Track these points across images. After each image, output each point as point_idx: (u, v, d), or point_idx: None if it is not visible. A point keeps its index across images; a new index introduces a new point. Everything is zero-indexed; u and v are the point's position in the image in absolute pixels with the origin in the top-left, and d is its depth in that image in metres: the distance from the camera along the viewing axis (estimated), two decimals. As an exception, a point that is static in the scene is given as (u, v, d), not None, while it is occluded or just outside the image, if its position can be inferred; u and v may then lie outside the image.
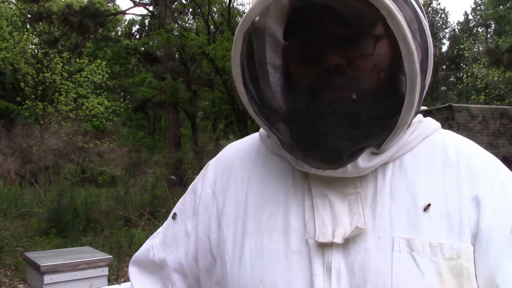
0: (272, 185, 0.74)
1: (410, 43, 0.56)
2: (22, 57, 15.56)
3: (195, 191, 0.85)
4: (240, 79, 0.69)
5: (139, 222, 8.15)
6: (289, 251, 0.68)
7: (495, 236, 0.64)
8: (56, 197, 7.65)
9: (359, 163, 0.65)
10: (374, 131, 0.64)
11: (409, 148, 0.71)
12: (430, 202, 0.66)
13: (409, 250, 0.63)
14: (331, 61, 0.63)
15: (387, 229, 0.65)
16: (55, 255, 3.66)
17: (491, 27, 29.05)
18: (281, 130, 0.69)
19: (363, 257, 0.64)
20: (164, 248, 0.87)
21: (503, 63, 11.08)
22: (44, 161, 10.82)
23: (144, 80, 16.99)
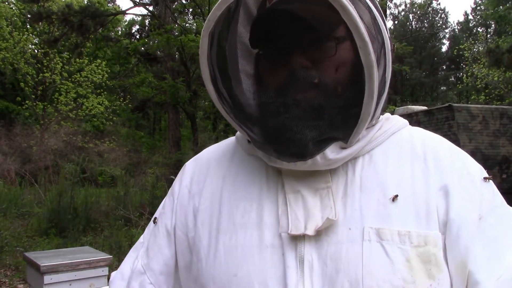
0: (246, 183, 0.77)
1: (363, 34, 0.58)
2: (22, 57, 15.55)
3: (173, 192, 0.88)
4: (209, 78, 0.72)
5: (139, 222, 8.15)
6: (263, 246, 0.70)
7: (465, 223, 0.66)
8: (56, 197, 7.65)
9: (328, 154, 0.68)
10: (338, 122, 0.67)
11: (378, 143, 0.74)
12: (398, 193, 0.68)
13: (379, 239, 0.65)
14: (296, 63, 0.67)
15: (357, 220, 0.67)
16: (55, 255, 3.66)
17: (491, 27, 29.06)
18: (251, 127, 0.72)
19: (334, 248, 0.66)
20: (147, 253, 0.85)
21: (503, 63, 11.08)
22: (44, 161, 10.83)
23: (144, 80, 16.98)
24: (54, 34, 15.37)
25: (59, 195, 7.60)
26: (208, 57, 0.70)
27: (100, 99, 17.15)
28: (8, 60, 15.41)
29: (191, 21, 21.67)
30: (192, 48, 13.49)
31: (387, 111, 0.86)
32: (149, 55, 18.90)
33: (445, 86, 35.70)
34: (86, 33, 14.58)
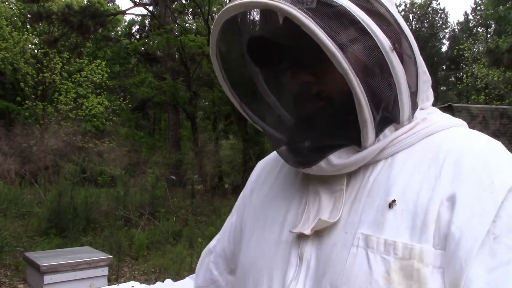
0: (286, 184, 0.82)
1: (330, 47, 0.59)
2: (22, 57, 15.55)
3: (245, 187, 0.97)
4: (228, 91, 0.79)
5: (139, 222, 8.15)
6: (279, 241, 0.74)
7: (465, 239, 0.58)
8: (56, 197, 7.65)
9: (333, 160, 0.68)
10: (335, 131, 0.69)
11: (404, 146, 0.70)
12: (399, 199, 0.64)
13: (365, 246, 0.64)
14: (299, 80, 0.70)
15: (354, 225, 0.66)
16: (55, 255, 3.66)
17: (491, 27, 29.06)
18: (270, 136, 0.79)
19: (329, 251, 0.67)
20: (217, 237, 1.01)
21: (503, 63, 11.07)
22: (44, 161, 10.83)
23: (144, 80, 16.99)
24: (54, 34, 15.37)
25: (59, 195, 7.60)
26: (222, 75, 0.77)
27: (100, 99, 17.15)
28: (8, 60, 15.41)
29: (191, 21, 21.67)
30: (192, 48, 13.49)
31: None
32: (149, 55, 18.90)
33: (445, 86, 35.70)
34: (86, 33, 14.58)
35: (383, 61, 0.65)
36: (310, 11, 0.61)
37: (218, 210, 9.77)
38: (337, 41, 0.61)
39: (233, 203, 3.80)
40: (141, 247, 6.72)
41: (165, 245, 7.08)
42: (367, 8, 0.67)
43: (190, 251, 6.63)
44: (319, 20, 0.60)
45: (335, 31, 0.62)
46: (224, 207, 9.89)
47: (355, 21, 0.64)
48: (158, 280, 5.60)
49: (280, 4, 0.61)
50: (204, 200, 11.03)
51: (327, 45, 0.60)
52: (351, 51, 0.63)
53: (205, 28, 15.82)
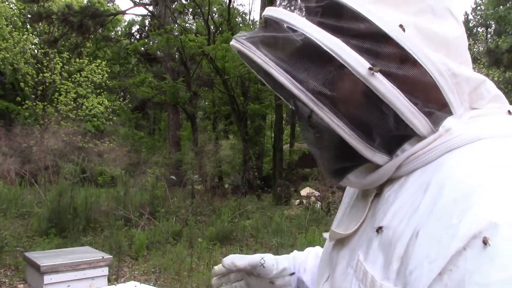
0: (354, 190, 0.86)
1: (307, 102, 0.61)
2: (22, 57, 15.56)
3: None
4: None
5: (139, 222, 8.16)
6: (329, 245, 0.80)
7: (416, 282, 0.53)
8: (56, 197, 7.65)
9: (351, 179, 0.70)
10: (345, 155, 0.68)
11: (421, 163, 0.63)
12: (386, 226, 0.61)
13: (355, 267, 0.65)
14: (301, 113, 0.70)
15: (358, 242, 0.68)
16: (55, 255, 3.66)
17: (491, 27, 29.07)
18: None
19: (339, 262, 0.71)
20: None
21: (503, 63, 11.08)
22: (44, 161, 10.83)
23: (144, 80, 16.99)
24: (54, 34, 15.37)
25: (59, 195, 7.60)
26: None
27: (100, 99, 17.16)
28: (8, 60, 15.42)
29: (191, 21, 21.68)
30: (192, 48, 13.49)
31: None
32: (149, 55, 18.91)
33: (445, 86, 35.67)
34: (86, 33, 14.59)
35: (365, 87, 0.60)
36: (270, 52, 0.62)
37: (218, 210, 9.77)
38: (301, 81, 0.61)
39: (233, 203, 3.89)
40: (141, 247, 6.72)
41: (165, 245, 7.08)
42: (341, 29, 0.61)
43: (190, 251, 6.63)
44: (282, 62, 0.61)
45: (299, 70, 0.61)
46: (224, 207, 9.89)
47: (323, 52, 0.60)
48: (158, 280, 5.61)
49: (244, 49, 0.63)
50: (204, 200, 11.03)
51: (291, 90, 0.61)
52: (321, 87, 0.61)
53: (205, 28, 15.83)
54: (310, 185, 12.62)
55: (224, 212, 9.11)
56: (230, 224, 8.37)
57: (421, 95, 0.62)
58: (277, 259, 1.03)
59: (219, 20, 17.24)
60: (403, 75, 0.61)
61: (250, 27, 18.24)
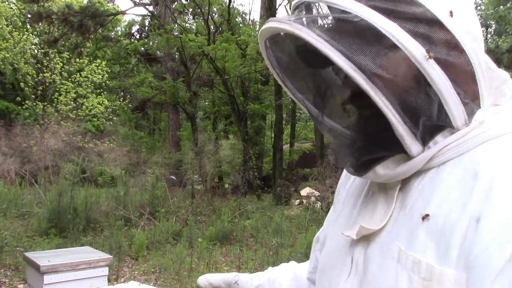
0: (360, 186, 0.83)
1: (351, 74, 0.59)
2: (22, 57, 15.56)
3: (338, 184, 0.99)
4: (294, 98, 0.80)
5: (139, 222, 8.15)
6: (342, 243, 0.76)
7: (485, 265, 0.55)
8: (56, 197, 7.65)
9: (379, 171, 0.68)
10: (378, 146, 0.68)
11: (455, 154, 0.64)
12: (432, 214, 0.61)
13: (398, 259, 0.63)
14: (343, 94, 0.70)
15: (394, 235, 0.66)
16: (55, 255, 3.66)
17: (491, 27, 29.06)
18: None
19: (372, 257, 0.68)
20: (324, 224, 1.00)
21: (503, 63, 11.08)
22: (44, 161, 10.83)
23: (144, 80, 17.00)
24: (54, 34, 15.38)
25: (59, 195, 7.60)
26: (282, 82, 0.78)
27: (100, 99, 17.16)
28: (8, 60, 15.42)
29: (191, 21, 21.67)
30: (192, 48, 13.49)
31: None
32: (149, 55, 18.91)
33: (445, 86, 35.70)
34: (86, 33, 14.59)
35: (417, 72, 0.61)
36: (326, 33, 0.60)
37: (218, 210, 9.76)
38: (357, 63, 0.59)
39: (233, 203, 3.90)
40: (141, 247, 6.72)
41: (165, 245, 7.08)
42: (395, 12, 0.61)
43: (190, 251, 6.63)
44: (336, 42, 0.60)
45: (355, 52, 0.60)
46: (224, 207, 9.89)
47: (379, 35, 0.60)
48: (158, 280, 5.61)
49: (296, 30, 0.62)
50: (204, 200, 11.02)
51: (346, 70, 0.59)
52: (377, 69, 0.60)
53: (205, 28, 15.83)
54: (310, 185, 12.61)
55: (224, 212, 9.11)
56: (230, 224, 8.37)
57: (462, 86, 0.63)
58: (251, 276, 1.03)
59: (219, 20, 17.24)
60: (451, 63, 0.62)
61: (250, 27, 18.24)
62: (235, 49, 13.84)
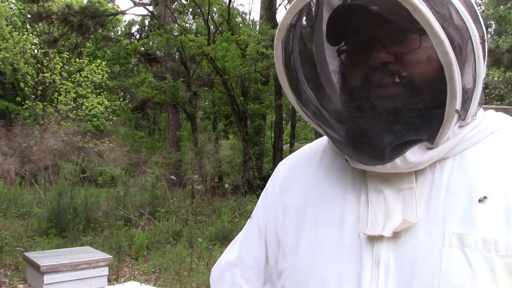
0: (333, 182, 0.77)
1: (438, 32, 0.56)
2: (22, 57, 15.55)
3: (267, 190, 0.90)
4: (287, 84, 0.74)
5: (139, 222, 8.16)
6: (342, 245, 0.70)
7: None
8: (56, 197, 7.65)
9: (409, 157, 0.64)
10: (419, 125, 0.64)
11: (472, 143, 0.68)
12: (487, 194, 0.62)
13: (461, 246, 0.60)
14: (376, 59, 0.65)
15: (439, 224, 0.63)
16: (55, 255, 3.66)
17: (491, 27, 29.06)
18: (332, 129, 0.72)
19: (412, 252, 0.63)
20: (240, 247, 0.90)
21: (503, 63, 11.07)
22: (44, 161, 10.83)
23: (144, 80, 16.99)
24: (54, 34, 15.37)
25: (59, 195, 7.60)
26: (283, 64, 0.72)
27: (100, 99, 17.15)
28: (8, 60, 15.41)
29: (191, 21, 21.67)
30: (192, 48, 13.48)
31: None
32: (149, 55, 18.91)
33: (445, 86, 35.72)
34: (86, 33, 14.58)
35: (472, 52, 0.63)
36: None
37: (218, 210, 9.76)
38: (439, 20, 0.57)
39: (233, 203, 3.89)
40: (141, 247, 6.71)
41: (165, 245, 7.08)
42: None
43: (190, 251, 6.63)
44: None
45: (443, 15, 0.59)
46: (224, 207, 9.88)
47: (454, 7, 0.61)
48: (158, 280, 5.61)
49: None
50: (204, 200, 11.02)
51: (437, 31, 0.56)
52: (449, 34, 0.59)
53: (205, 28, 15.82)
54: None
55: (224, 212, 9.11)
56: (230, 224, 8.37)
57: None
58: None
59: (219, 20, 17.24)
60: (483, 52, 0.66)
61: (250, 27, 18.24)
62: (235, 49, 13.83)
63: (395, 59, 0.64)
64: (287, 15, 0.67)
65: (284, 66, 0.73)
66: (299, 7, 0.65)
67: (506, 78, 15.87)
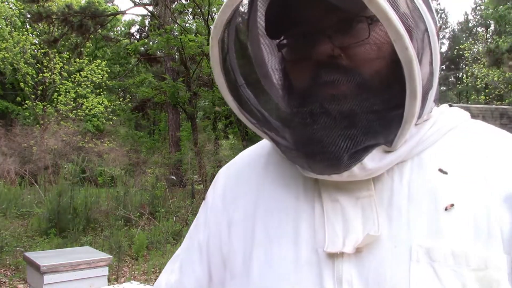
0: (282, 192, 0.69)
1: (397, 26, 0.49)
2: (22, 57, 15.56)
3: (207, 203, 0.81)
4: (225, 88, 0.65)
5: (139, 222, 8.15)
6: (298, 262, 0.62)
7: None
8: (56, 197, 7.65)
9: (367, 164, 0.58)
10: (377, 127, 0.57)
11: (430, 143, 0.63)
12: (453, 202, 0.57)
13: (429, 260, 0.56)
14: (322, 52, 0.57)
15: (404, 236, 0.58)
16: (55, 255, 3.66)
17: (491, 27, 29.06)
18: (279, 136, 0.64)
19: (377, 268, 0.57)
20: (181, 269, 0.79)
21: (503, 63, 11.07)
22: (44, 161, 10.83)
23: (144, 80, 16.99)
24: (54, 34, 15.37)
25: (59, 195, 7.60)
26: (221, 66, 0.64)
27: (99, 99, 17.16)
28: (8, 60, 15.41)
29: (191, 21, 21.67)
30: (192, 48, 13.49)
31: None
32: (149, 55, 18.90)
33: (445, 86, 35.70)
34: (86, 33, 14.58)
35: (428, 45, 0.57)
36: None
37: (218, 210, 9.76)
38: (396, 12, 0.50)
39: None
40: (141, 247, 6.71)
41: (165, 245, 7.08)
42: None
43: (190, 251, 6.63)
44: None
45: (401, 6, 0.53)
46: (224, 207, 9.88)
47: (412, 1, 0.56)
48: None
49: None
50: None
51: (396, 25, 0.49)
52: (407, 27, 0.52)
53: (205, 28, 15.81)
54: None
55: (224, 212, 9.10)
56: (230, 224, 8.37)
57: None
58: None
59: (219, 20, 17.21)
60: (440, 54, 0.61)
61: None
62: (235, 49, 13.81)
63: (342, 51, 0.57)
64: (224, 11, 0.59)
65: (222, 68, 0.64)
66: (236, 3, 0.58)
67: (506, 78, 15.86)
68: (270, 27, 0.63)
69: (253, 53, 0.66)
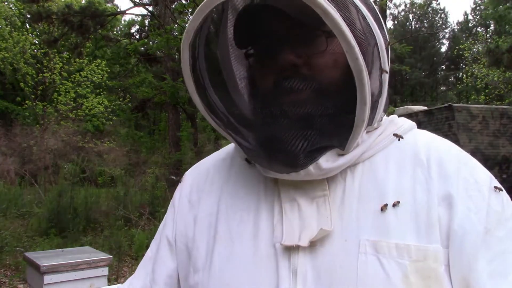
0: (244, 192, 0.74)
1: (349, 38, 0.55)
2: (21, 57, 15.55)
3: (174, 203, 0.86)
4: (194, 90, 0.71)
5: (139, 222, 8.15)
6: (257, 256, 0.68)
7: (468, 236, 0.61)
8: (55, 197, 7.65)
9: (322, 164, 0.64)
10: (330, 130, 0.63)
11: (379, 149, 0.70)
12: (398, 199, 0.64)
13: (375, 253, 0.62)
14: (285, 61, 0.64)
15: (353, 231, 0.64)
16: (55, 255, 3.66)
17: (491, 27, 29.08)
18: (241, 137, 0.70)
19: (329, 260, 0.63)
20: (153, 267, 0.84)
21: (503, 63, 11.07)
22: (44, 161, 10.83)
23: (144, 81, 16.99)
24: (54, 34, 15.36)
25: (59, 195, 7.60)
26: (191, 69, 0.69)
27: (99, 99, 17.15)
28: (8, 60, 15.41)
29: (191, 21, 21.65)
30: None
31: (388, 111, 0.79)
32: (149, 55, 18.90)
33: (445, 86, 35.71)
34: (86, 33, 14.58)
35: (378, 58, 0.64)
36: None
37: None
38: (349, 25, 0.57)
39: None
40: (141, 247, 6.71)
41: (165, 245, 7.09)
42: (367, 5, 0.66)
43: (190, 251, 6.63)
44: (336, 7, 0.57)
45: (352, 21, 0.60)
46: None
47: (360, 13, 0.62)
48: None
49: None
50: (204, 200, 11.02)
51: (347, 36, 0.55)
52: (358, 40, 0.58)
53: (205, 28, 15.81)
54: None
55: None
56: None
57: None
58: None
59: (219, 20, 17.22)
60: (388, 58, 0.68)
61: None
62: (235, 49, 13.82)
63: (302, 61, 0.64)
64: (195, 18, 0.65)
65: (192, 72, 0.70)
66: (208, 9, 0.63)
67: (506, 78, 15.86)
68: (239, 37, 0.70)
69: (221, 60, 0.71)
